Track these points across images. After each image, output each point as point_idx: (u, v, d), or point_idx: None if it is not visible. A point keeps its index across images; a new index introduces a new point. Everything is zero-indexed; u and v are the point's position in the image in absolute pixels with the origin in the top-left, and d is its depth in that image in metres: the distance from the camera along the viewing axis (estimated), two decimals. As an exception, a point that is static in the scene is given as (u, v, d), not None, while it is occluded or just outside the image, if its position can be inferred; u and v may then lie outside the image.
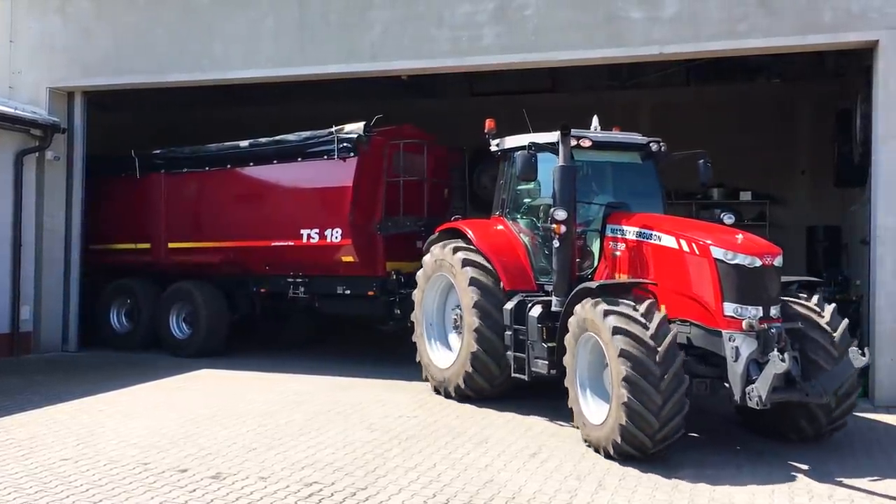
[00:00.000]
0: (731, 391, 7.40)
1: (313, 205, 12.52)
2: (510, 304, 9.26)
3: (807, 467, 7.30)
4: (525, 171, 8.88)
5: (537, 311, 8.85)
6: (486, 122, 10.16)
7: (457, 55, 11.93)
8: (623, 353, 7.09)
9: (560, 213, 8.48)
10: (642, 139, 9.80)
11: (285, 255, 12.93)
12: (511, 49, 11.68)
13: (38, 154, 13.90)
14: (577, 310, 7.89)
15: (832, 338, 7.68)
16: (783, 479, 6.98)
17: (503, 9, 11.63)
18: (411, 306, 10.81)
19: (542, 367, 8.79)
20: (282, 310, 14.25)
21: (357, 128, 12.03)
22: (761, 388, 7.00)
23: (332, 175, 12.32)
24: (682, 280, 7.96)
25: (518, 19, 11.58)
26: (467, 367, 9.64)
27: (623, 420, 7.05)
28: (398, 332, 12.14)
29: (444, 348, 10.45)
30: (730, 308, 7.47)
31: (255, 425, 8.68)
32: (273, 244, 12.99)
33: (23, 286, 13.66)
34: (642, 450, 7.13)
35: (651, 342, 7.09)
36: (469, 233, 10.01)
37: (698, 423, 8.16)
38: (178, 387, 11.05)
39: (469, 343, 9.59)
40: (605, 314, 7.37)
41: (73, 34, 14.00)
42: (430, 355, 10.44)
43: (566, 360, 8.05)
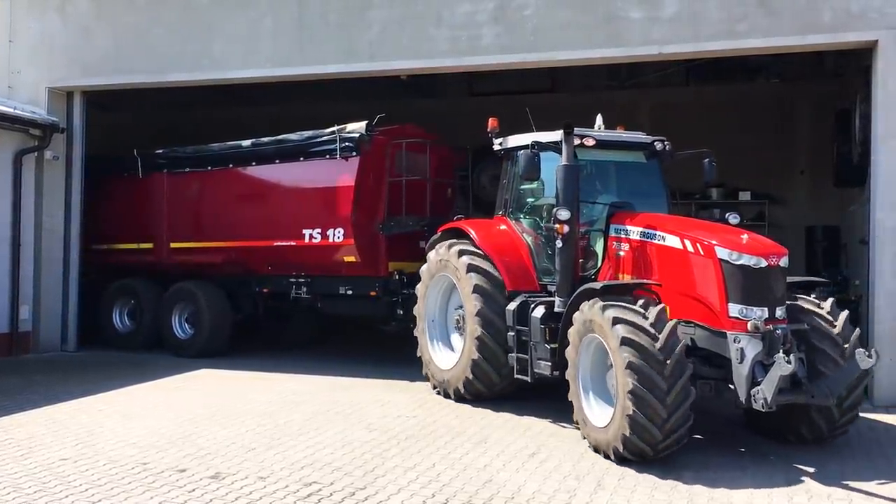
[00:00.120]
0: (735, 393, 7.34)
1: (315, 204, 12.49)
2: (513, 305, 9.21)
3: (807, 468, 7.28)
4: (528, 171, 8.80)
5: (540, 311, 8.80)
6: (490, 120, 10.10)
7: (456, 55, 11.93)
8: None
9: (563, 213, 8.41)
10: (646, 138, 9.69)
11: (287, 255, 12.92)
12: (510, 49, 11.68)
13: (37, 154, 13.90)
14: (581, 310, 7.81)
15: (839, 339, 7.60)
16: (783, 479, 6.98)
17: (502, 8, 11.63)
18: (414, 304, 10.74)
19: (544, 368, 8.74)
20: (284, 310, 14.22)
21: (359, 127, 12.00)
22: (767, 390, 6.94)
23: (334, 175, 12.29)
24: (687, 281, 7.90)
25: (517, 19, 11.58)
26: (468, 374, 9.61)
27: (626, 430, 7.03)
28: (401, 332, 12.10)
29: (445, 348, 10.41)
30: (735, 309, 7.41)
31: (254, 425, 8.68)
32: (275, 244, 12.97)
33: (22, 286, 13.66)
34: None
35: (659, 355, 7.00)
36: (472, 233, 9.95)
37: (702, 424, 8.06)
38: (178, 387, 11.04)
39: (470, 350, 9.54)
40: (614, 322, 7.25)
41: (73, 34, 14.00)
42: (431, 354, 10.40)
43: (568, 356, 7.98)
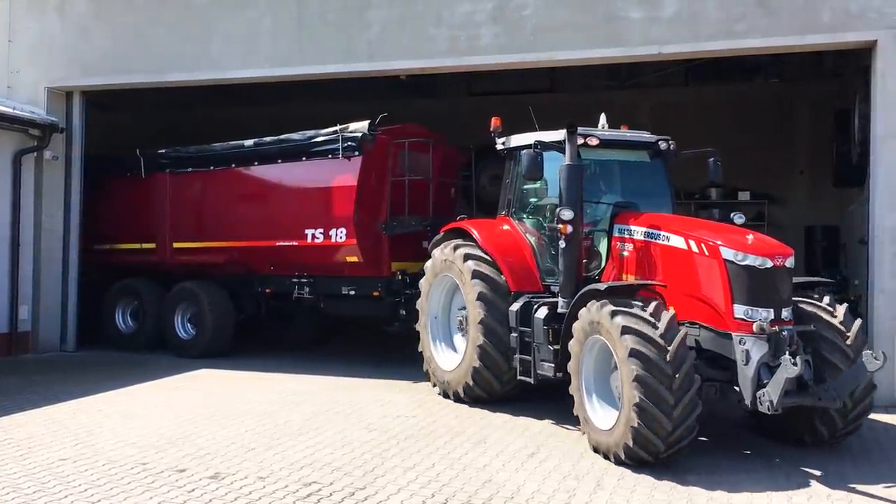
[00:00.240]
0: (741, 395, 7.25)
1: (318, 204, 12.45)
2: (516, 306, 9.15)
3: (809, 469, 7.27)
4: (531, 170, 8.75)
5: (543, 312, 8.75)
6: (493, 120, 10.00)
7: (455, 55, 11.92)
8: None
9: (566, 213, 8.35)
10: (651, 137, 9.61)
11: (290, 256, 12.90)
12: (509, 49, 11.68)
13: (36, 154, 13.89)
14: (583, 312, 7.74)
15: (846, 340, 7.52)
16: (784, 480, 6.97)
17: (502, 8, 11.63)
18: (417, 300, 10.69)
19: (548, 369, 8.67)
20: (287, 310, 14.20)
21: (362, 126, 11.97)
22: (773, 393, 6.88)
23: (336, 174, 12.26)
24: (692, 281, 7.83)
25: (516, 19, 11.58)
26: (468, 380, 9.55)
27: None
28: (403, 332, 12.07)
29: (448, 348, 10.37)
30: (740, 310, 7.34)
31: (254, 425, 8.67)
32: (278, 244, 12.95)
33: (21, 286, 13.65)
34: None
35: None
36: (474, 233, 9.91)
37: (707, 426, 7.99)
38: (178, 387, 11.04)
39: (472, 357, 9.47)
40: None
41: (72, 34, 13.99)
42: (433, 352, 10.34)
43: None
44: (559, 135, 8.80)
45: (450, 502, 6.30)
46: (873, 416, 9.34)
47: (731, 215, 8.59)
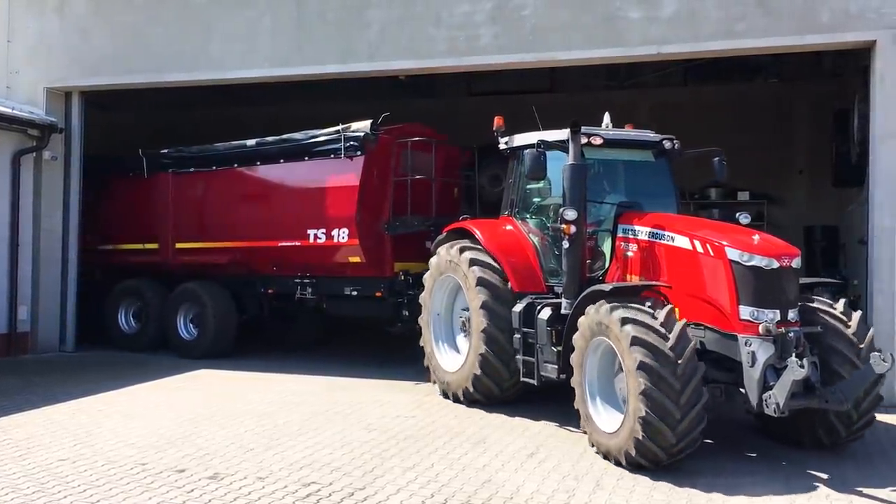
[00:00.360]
0: (746, 397, 7.16)
1: (320, 204, 12.41)
2: (519, 307, 9.08)
3: (814, 472, 7.24)
4: (534, 170, 8.64)
5: (546, 313, 8.67)
6: (495, 119, 9.92)
7: (454, 55, 11.92)
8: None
9: (570, 213, 8.27)
10: (655, 137, 9.53)
11: (292, 256, 12.88)
12: (509, 49, 11.68)
13: (35, 154, 13.89)
14: (589, 312, 7.65)
15: (853, 342, 7.42)
16: (784, 482, 6.97)
17: (501, 8, 11.63)
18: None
19: (551, 371, 8.59)
20: (289, 311, 14.18)
21: (364, 126, 11.93)
22: (779, 395, 6.81)
23: (338, 174, 12.22)
24: (697, 282, 7.75)
25: (516, 19, 11.58)
26: (468, 385, 9.52)
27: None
28: (406, 333, 12.01)
29: (450, 348, 10.34)
30: (746, 311, 7.25)
31: (253, 425, 8.67)
32: (280, 244, 12.93)
33: (20, 286, 13.64)
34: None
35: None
36: (477, 233, 9.85)
37: (711, 428, 7.80)
38: (177, 387, 11.03)
39: (473, 364, 9.43)
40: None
41: (71, 34, 13.99)
42: (434, 350, 10.30)
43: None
44: (563, 134, 8.75)
45: (449, 502, 6.29)
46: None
47: (737, 215, 8.43)
